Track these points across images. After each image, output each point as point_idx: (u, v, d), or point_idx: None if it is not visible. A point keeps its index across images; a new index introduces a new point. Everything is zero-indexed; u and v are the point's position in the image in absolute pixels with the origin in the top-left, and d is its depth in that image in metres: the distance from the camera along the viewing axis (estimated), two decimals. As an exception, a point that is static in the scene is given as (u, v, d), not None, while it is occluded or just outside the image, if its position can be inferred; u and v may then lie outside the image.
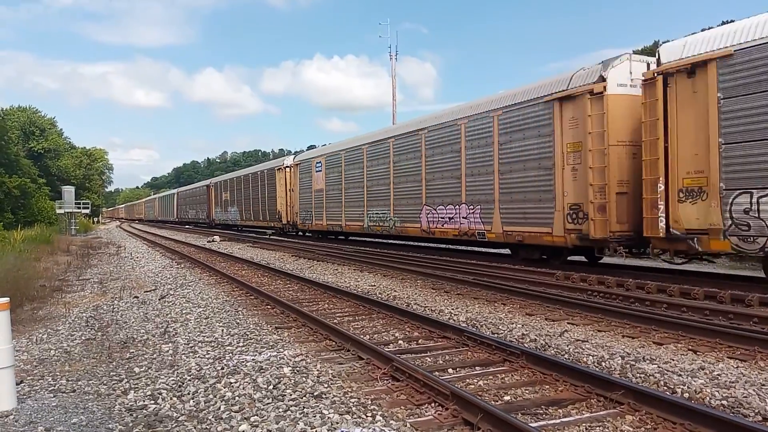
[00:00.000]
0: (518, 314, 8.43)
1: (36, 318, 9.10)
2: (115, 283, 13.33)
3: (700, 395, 4.69)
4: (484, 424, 4.05)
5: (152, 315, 8.87)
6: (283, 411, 4.47)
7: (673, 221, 9.89)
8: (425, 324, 7.55)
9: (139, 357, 6.35)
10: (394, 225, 18.97)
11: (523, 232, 13.33)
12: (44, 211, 44.66)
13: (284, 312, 8.79)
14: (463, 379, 5.38)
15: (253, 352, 6.36)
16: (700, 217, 9.51)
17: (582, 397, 4.75)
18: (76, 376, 5.69)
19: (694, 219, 9.61)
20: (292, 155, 30.77)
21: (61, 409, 4.70)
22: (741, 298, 8.39)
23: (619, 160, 11.22)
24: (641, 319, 7.48)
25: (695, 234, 9.59)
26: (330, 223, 24.04)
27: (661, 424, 4.12)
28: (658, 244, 10.41)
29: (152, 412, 4.58)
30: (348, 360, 6.11)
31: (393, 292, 10.67)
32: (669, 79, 9.99)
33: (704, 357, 5.94)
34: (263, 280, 13.15)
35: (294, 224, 28.09)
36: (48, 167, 62.27)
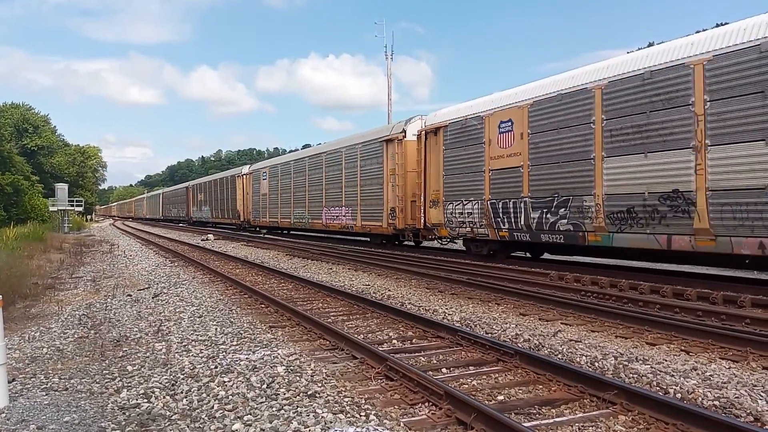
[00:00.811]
0: (512, 314, 8.45)
1: (28, 316, 9.06)
2: (109, 281, 13.27)
3: (692, 396, 4.71)
4: (478, 423, 4.06)
5: (146, 313, 8.84)
6: (276, 410, 4.46)
7: (428, 219, 16.84)
8: (419, 323, 7.55)
9: (132, 355, 6.32)
10: (308, 221, 25.85)
11: (371, 225, 20.29)
12: (37, 208, 44.47)
13: (278, 311, 8.78)
14: (456, 378, 5.39)
15: (247, 350, 6.35)
16: (437, 216, 16.36)
17: (575, 397, 4.77)
18: (68, 375, 5.66)
19: (435, 217, 16.48)
20: (248, 165, 37.90)
21: (53, 407, 4.68)
22: (733, 299, 8.44)
23: (411, 181, 18.07)
24: (634, 319, 7.51)
25: (435, 226, 16.56)
26: (271, 220, 30.80)
27: (653, 425, 4.14)
28: (423, 232, 17.68)
29: (145, 410, 4.57)
30: (342, 359, 6.11)
31: (387, 291, 10.67)
32: (427, 135, 16.86)
33: (697, 357, 5.97)
34: (257, 278, 13.13)
35: (248, 221, 34.68)
36: (41, 164, 62.02)
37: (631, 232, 10.51)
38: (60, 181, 53.34)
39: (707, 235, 9.24)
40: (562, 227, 12.04)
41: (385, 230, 19.17)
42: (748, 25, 9.02)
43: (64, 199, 44.99)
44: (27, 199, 43.79)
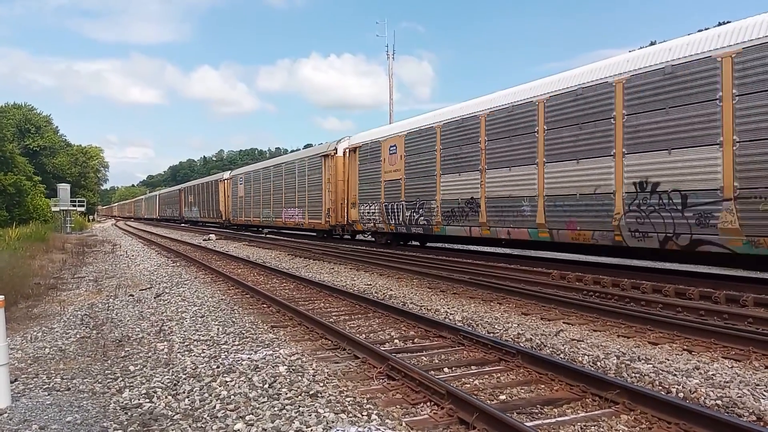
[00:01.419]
0: (514, 314, 8.44)
1: (31, 316, 9.07)
2: (111, 281, 13.29)
3: (695, 395, 4.70)
4: (480, 423, 4.05)
5: (147, 313, 8.85)
6: (278, 410, 4.46)
7: (349, 217, 22.05)
8: (421, 323, 7.55)
9: (135, 355, 6.33)
10: (273, 219, 31.23)
11: (315, 222, 25.31)
12: (39, 208, 44.53)
13: (280, 311, 8.78)
14: (458, 378, 5.39)
15: (249, 350, 6.35)
16: (355, 215, 21.47)
17: (577, 396, 4.76)
18: (70, 375, 5.67)
19: (353, 216, 21.65)
20: (229, 171, 44.19)
21: (55, 407, 4.69)
22: (736, 299, 8.43)
23: (340, 188, 23.00)
24: (637, 318, 7.50)
25: (354, 222, 21.69)
26: (246, 219, 35.78)
27: (656, 424, 4.13)
28: (347, 227, 22.67)
29: (147, 410, 4.57)
30: (344, 359, 6.11)
31: (389, 291, 10.67)
32: (350, 152, 22.17)
33: (699, 357, 5.96)
34: (259, 278, 13.13)
35: (228, 219, 39.65)
36: (43, 165, 62.11)
37: (453, 225, 15.89)
38: (62, 181, 53.41)
39: (485, 226, 14.64)
40: (421, 222, 17.40)
41: (324, 226, 24.52)
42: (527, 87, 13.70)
43: (66, 200, 45.07)
44: (29, 199, 43.84)
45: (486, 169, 14.40)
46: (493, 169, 14.17)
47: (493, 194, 14.17)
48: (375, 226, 20.30)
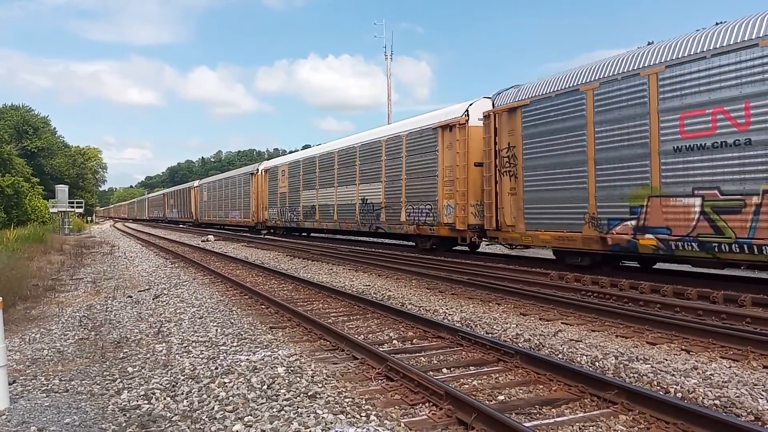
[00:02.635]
0: (512, 314, 8.44)
1: (29, 317, 9.06)
2: (109, 282, 13.28)
3: (693, 395, 4.71)
4: (478, 423, 4.06)
5: (146, 314, 8.84)
6: (277, 411, 4.46)
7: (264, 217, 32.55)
8: (420, 324, 7.55)
9: (133, 357, 6.32)
10: (224, 218, 40.51)
11: (246, 220, 34.23)
12: (37, 210, 44.40)
13: (279, 312, 8.78)
14: (457, 378, 5.39)
15: (248, 351, 6.35)
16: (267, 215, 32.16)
17: (576, 396, 4.77)
18: (69, 376, 5.66)
19: (267, 216, 32.06)
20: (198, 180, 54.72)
21: (53, 409, 4.68)
22: (734, 299, 8.44)
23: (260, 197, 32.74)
24: (635, 319, 7.51)
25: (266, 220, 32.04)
26: (208, 218, 45.17)
27: (654, 424, 4.14)
28: (262, 224, 33.06)
29: (146, 412, 4.57)
30: (342, 360, 6.11)
31: (388, 291, 10.67)
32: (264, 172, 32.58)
33: (697, 357, 5.97)
34: (258, 279, 13.13)
35: (197, 219, 48.93)
36: (41, 166, 61.99)
37: (307, 221, 25.79)
38: (60, 182, 53.29)
39: (318, 222, 24.51)
40: (294, 219, 27.53)
41: (251, 223, 34.26)
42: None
43: (65, 201, 44.98)
44: (27, 200, 43.73)
45: (318, 188, 24.84)
46: (322, 188, 24.55)
47: (322, 203, 24.49)
48: (275, 222, 30.52)
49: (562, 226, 11.93)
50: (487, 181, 14.18)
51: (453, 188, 15.52)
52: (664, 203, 9.88)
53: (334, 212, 23.00)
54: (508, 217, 13.45)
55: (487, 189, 14.13)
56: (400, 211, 18.12)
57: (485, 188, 14.26)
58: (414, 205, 17.39)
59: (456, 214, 15.42)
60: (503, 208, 13.63)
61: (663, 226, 9.89)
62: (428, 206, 16.67)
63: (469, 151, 15.14)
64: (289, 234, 29.88)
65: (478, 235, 15.14)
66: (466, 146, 15.18)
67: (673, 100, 9.71)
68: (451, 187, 15.61)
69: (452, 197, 15.55)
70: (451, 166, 15.61)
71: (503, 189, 13.61)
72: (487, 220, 14.19)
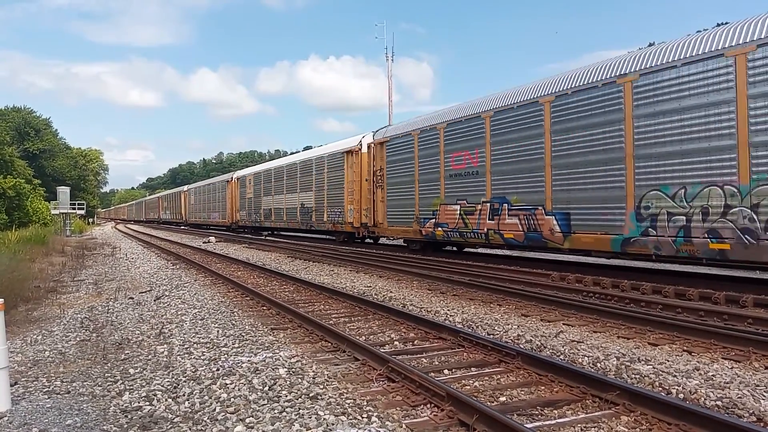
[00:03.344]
0: (514, 315, 8.44)
1: (30, 319, 9.07)
2: (110, 284, 13.29)
3: (695, 396, 4.70)
4: (480, 425, 4.05)
5: (147, 316, 8.85)
6: (278, 412, 4.46)
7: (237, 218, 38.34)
8: (421, 325, 7.55)
9: (134, 358, 6.33)
10: (205, 219, 46.85)
11: (223, 221, 40.83)
12: (39, 211, 44.48)
13: (280, 313, 8.78)
14: (458, 380, 5.39)
15: (249, 353, 6.35)
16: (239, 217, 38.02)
17: (577, 397, 4.76)
18: (70, 378, 5.67)
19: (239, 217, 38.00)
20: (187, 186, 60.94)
21: (55, 410, 4.69)
22: (735, 299, 8.43)
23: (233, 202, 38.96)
24: (636, 320, 7.50)
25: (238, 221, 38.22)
26: (194, 219, 51.46)
27: (656, 425, 4.13)
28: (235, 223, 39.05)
29: (147, 413, 4.57)
30: (344, 361, 6.11)
31: (389, 293, 10.67)
32: (236, 180, 38.37)
33: (699, 358, 5.97)
34: (259, 281, 13.13)
35: (186, 220, 54.64)
36: (43, 168, 62.12)
37: (268, 221, 31.32)
38: (62, 184, 53.36)
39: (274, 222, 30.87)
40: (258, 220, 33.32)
41: (227, 223, 40.15)
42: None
43: (66, 203, 45.00)
44: (29, 202, 43.80)
45: (274, 195, 30.71)
46: (276, 195, 30.30)
47: (276, 207, 30.38)
48: (245, 222, 36.26)
49: (404, 223, 17.96)
50: (369, 192, 20.10)
51: (353, 197, 21.25)
52: (445, 208, 15.83)
53: (284, 214, 29.22)
54: (380, 217, 19.48)
55: (369, 198, 20.10)
56: (324, 213, 24.10)
57: (368, 197, 20.13)
58: (332, 208, 23.39)
59: (354, 216, 21.15)
60: (377, 211, 19.61)
61: (445, 222, 15.81)
62: (340, 209, 22.58)
63: (361, 170, 20.95)
64: (255, 232, 35.60)
65: (367, 230, 20.55)
66: (359, 167, 21.10)
67: (447, 145, 15.79)
68: (352, 196, 21.36)
69: (352, 203, 21.32)
70: (352, 181, 21.43)
71: (377, 198, 19.58)
72: (369, 220, 20.09)
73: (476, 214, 14.44)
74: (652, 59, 10.25)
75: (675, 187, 9.72)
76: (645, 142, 10.22)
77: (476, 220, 14.46)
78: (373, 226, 19.77)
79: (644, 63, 10.37)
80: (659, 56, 10.15)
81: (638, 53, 10.84)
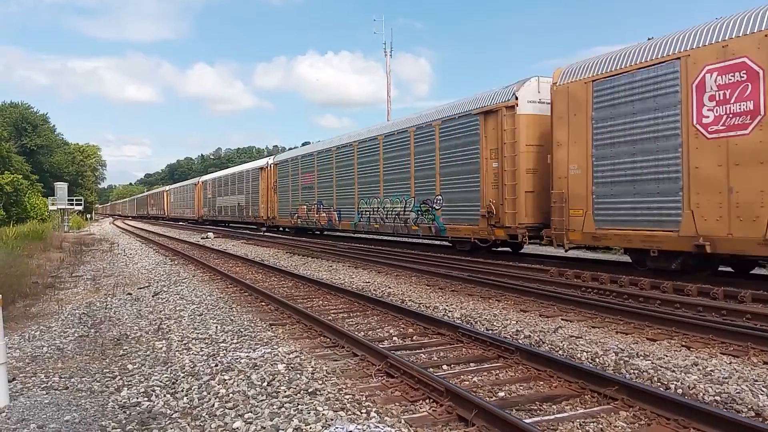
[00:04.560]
0: (513, 311, 8.44)
1: (28, 315, 9.05)
2: (108, 279, 13.27)
3: (693, 391, 4.71)
4: (479, 420, 4.06)
5: (146, 312, 8.83)
6: (277, 408, 4.45)
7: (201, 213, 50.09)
8: (420, 320, 7.55)
9: (133, 354, 6.32)
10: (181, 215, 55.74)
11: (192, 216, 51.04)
12: (37, 207, 44.45)
13: (278, 308, 8.78)
14: (457, 375, 5.39)
15: (248, 348, 6.34)
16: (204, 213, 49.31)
17: (576, 393, 4.77)
18: (68, 374, 5.66)
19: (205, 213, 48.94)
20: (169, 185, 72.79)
21: (53, 406, 4.68)
22: (734, 295, 8.44)
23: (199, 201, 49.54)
24: (635, 315, 7.51)
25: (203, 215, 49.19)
26: (174, 215, 59.71)
27: (654, 420, 4.14)
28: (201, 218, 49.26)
29: (146, 409, 4.56)
30: (342, 357, 6.10)
31: (387, 288, 10.67)
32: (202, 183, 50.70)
33: (698, 353, 5.97)
34: (257, 276, 13.12)
35: (168, 215, 62.37)
36: (41, 163, 62.02)
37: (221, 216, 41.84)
38: (59, 180, 53.29)
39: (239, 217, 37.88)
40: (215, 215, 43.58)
41: (196, 218, 48.44)
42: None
43: (64, 199, 44.97)
44: (27, 198, 43.77)
45: (223, 196, 40.22)
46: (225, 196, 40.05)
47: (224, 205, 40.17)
48: (207, 217, 44.92)
49: (288, 217, 28.15)
50: (271, 196, 30.65)
51: (263, 199, 32.03)
52: (300, 207, 26.45)
53: (229, 210, 39.28)
54: (275, 213, 29.94)
55: (272, 199, 30.55)
56: (249, 209, 34.74)
57: (271, 199, 30.58)
58: (253, 206, 33.96)
59: (263, 211, 32.00)
60: (274, 209, 30.11)
61: (300, 215, 26.47)
62: (257, 207, 33.24)
63: (268, 182, 31.02)
64: (214, 223, 43.49)
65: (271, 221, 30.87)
66: (266, 180, 31.46)
67: (302, 170, 25.97)
68: (263, 198, 32.04)
69: (264, 203, 31.88)
70: (263, 188, 32.01)
71: (275, 200, 29.87)
72: (271, 214, 30.67)
73: (313, 210, 25.04)
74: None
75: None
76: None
77: (313, 214, 25.10)
78: (272, 219, 30.59)
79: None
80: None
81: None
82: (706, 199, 9.17)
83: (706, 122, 9.21)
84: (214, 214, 43.43)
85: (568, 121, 11.61)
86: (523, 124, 13.28)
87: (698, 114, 9.31)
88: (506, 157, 13.42)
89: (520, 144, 13.24)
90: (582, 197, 11.30)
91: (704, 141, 9.21)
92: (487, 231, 14.04)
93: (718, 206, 8.98)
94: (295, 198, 26.93)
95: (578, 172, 11.38)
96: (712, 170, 9.09)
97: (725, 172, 8.91)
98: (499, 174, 13.70)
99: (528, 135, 13.29)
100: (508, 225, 13.42)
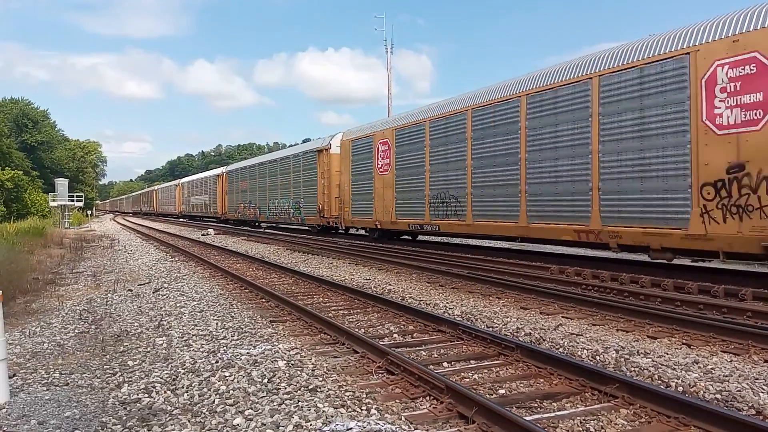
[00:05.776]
0: (513, 308, 8.44)
1: (29, 311, 9.06)
2: (109, 276, 13.28)
3: (694, 389, 4.71)
4: (479, 417, 4.05)
5: (146, 308, 8.84)
6: (277, 404, 4.46)
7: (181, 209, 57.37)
8: (420, 317, 7.55)
9: (133, 350, 6.32)
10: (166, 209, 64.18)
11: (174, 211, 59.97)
12: (37, 203, 44.50)
13: (279, 305, 8.78)
14: (458, 372, 5.39)
15: (248, 345, 6.34)
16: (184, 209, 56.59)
17: (576, 390, 4.77)
18: (69, 370, 5.66)
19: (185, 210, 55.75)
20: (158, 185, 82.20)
21: (54, 402, 4.68)
22: (734, 293, 8.44)
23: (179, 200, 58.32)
24: (636, 313, 7.50)
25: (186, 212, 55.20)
26: (163, 211, 64.68)
27: (655, 418, 4.13)
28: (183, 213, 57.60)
29: (146, 405, 4.57)
30: (343, 353, 6.11)
31: (388, 285, 10.67)
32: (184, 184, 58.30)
33: (698, 351, 5.97)
34: (258, 273, 13.13)
35: (157, 210, 68.64)
36: (41, 160, 62.03)
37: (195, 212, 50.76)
38: (60, 176, 53.27)
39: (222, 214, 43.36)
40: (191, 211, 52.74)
41: (176, 213, 57.40)
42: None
43: (64, 195, 44.95)
44: (27, 194, 43.80)
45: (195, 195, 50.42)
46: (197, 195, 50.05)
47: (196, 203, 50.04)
48: (185, 212, 51.64)
49: (233, 212, 37.65)
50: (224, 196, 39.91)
51: (221, 199, 41.02)
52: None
53: (199, 207, 48.64)
54: (226, 209, 39.47)
55: (224, 199, 39.96)
56: (211, 207, 43.77)
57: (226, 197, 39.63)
58: (214, 204, 43.00)
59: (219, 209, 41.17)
60: (225, 206, 39.51)
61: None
62: (216, 205, 42.36)
63: (222, 186, 40.70)
64: (190, 219, 52.13)
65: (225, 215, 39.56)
66: (221, 185, 40.88)
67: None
68: (220, 199, 41.04)
69: (220, 202, 41.01)
70: (219, 191, 41.34)
71: (226, 200, 39.25)
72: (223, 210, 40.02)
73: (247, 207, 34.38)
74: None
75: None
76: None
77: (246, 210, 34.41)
78: (224, 213, 39.96)
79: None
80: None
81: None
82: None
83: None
84: (189, 210, 53.87)
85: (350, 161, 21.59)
86: (334, 159, 23.03)
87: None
88: (326, 177, 23.10)
89: (332, 170, 22.94)
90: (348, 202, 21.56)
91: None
92: (319, 219, 24.08)
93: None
94: (237, 198, 36.95)
95: (346, 188, 21.73)
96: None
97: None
98: (323, 187, 23.31)
99: (335, 165, 22.89)
100: (327, 216, 23.33)
